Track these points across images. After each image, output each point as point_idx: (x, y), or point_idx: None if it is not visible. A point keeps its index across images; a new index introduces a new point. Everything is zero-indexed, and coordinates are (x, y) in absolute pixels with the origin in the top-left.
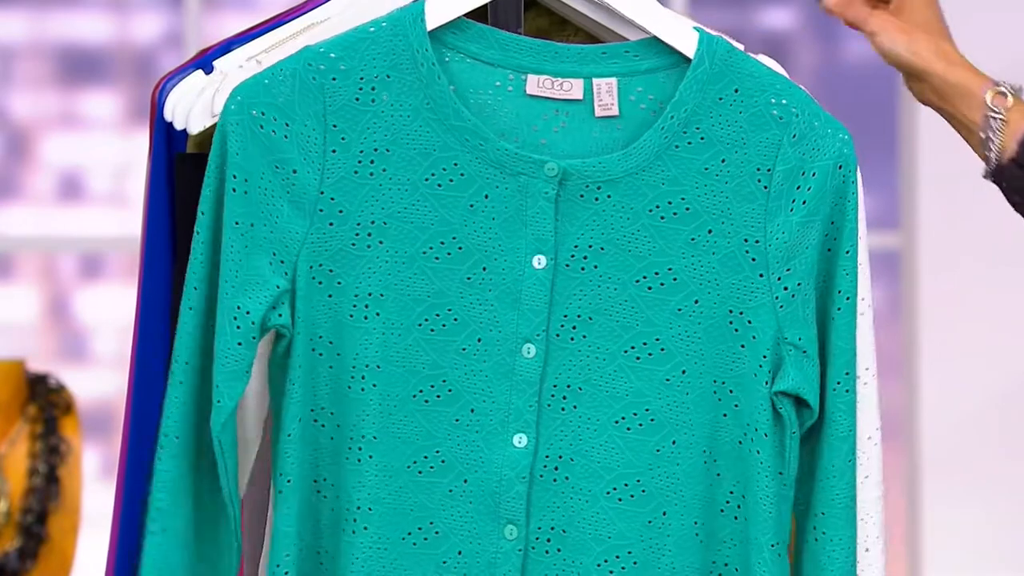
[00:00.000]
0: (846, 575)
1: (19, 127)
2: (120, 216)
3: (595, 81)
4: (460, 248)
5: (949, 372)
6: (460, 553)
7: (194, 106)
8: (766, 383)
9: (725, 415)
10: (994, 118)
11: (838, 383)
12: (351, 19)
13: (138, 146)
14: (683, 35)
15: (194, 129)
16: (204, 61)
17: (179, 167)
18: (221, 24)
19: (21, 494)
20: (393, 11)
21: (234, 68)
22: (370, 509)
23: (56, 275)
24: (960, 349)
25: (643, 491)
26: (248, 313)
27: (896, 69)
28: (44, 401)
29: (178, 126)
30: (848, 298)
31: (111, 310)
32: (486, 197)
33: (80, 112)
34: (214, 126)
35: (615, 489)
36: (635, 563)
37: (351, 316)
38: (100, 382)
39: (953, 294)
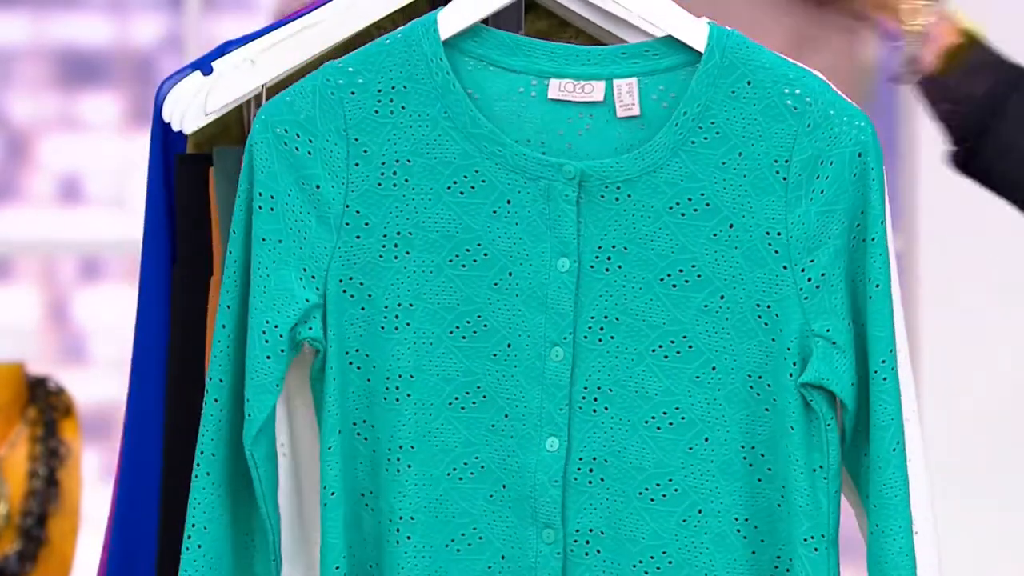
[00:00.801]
0: (902, 566)
1: (18, 129)
2: (119, 219)
3: (615, 82)
4: (486, 255)
5: (949, 376)
6: (503, 558)
7: (189, 107)
8: (791, 375)
9: (767, 409)
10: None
11: (875, 372)
12: (346, 22)
13: (138, 148)
14: (695, 30)
15: (188, 129)
16: (202, 62)
17: (178, 168)
18: (220, 27)
19: (21, 497)
20: (410, 23)
21: (229, 69)
22: (412, 518)
23: (56, 278)
24: (960, 353)
25: (676, 490)
26: (277, 327)
27: None
28: (44, 404)
29: (174, 127)
30: (878, 285)
31: (111, 313)
32: (508, 203)
33: (80, 114)
34: (209, 124)
35: (647, 489)
36: (670, 562)
37: (383, 328)
38: (100, 385)
39: (953, 298)
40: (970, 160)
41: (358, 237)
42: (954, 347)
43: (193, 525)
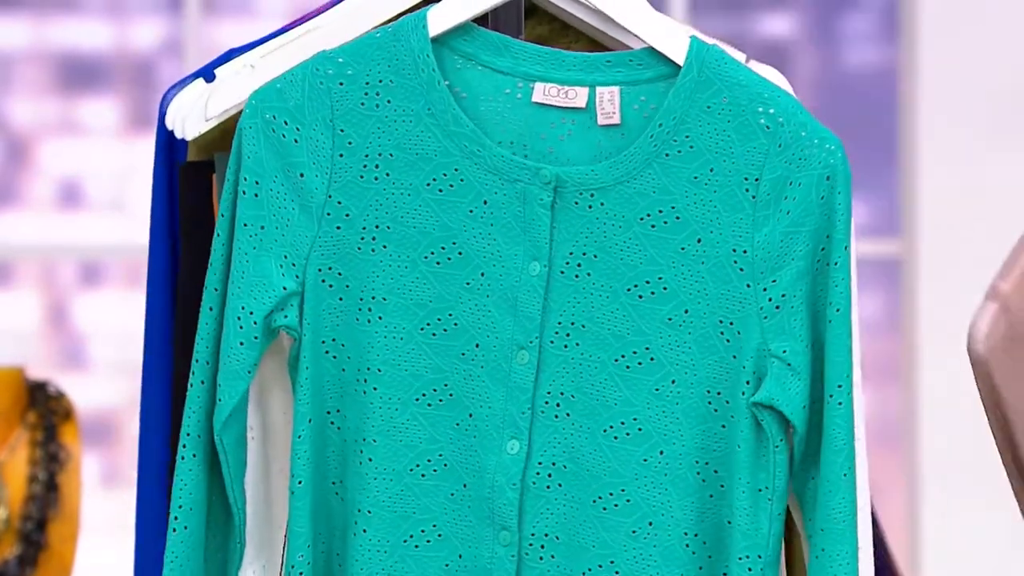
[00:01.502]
0: None
1: (18, 134)
2: (120, 223)
3: (598, 90)
4: (460, 253)
5: (949, 380)
6: (461, 557)
7: (190, 113)
8: (742, 393)
9: (723, 426)
10: None
11: (831, 396)
12: (344, 27)
13: (137, 153)
14: (676, 43)
15: (190, 135)
16: (206, 70)
17: (181, 175)
18: (221, 31)
19: (21, 501)
20: (401, 18)
21: (231, 75)
22: (370, 512)
23: (55, 282)
24: (960, 357)
25: (628, 500)
26: (252, 314)
27: None
28: (44, 408)
29: (177, 134)
30: (838, 310)
31: (111, 317)
32: (485, 203)
33: (79, 119)
34: (211, 131)
35: (600, 498)
36: (617, 572)
37: (357, 320)
38: (99, 389)
39: (953, 302)
40: None
41: (338, 228)
42: (954, 355)
43: (180, 507)
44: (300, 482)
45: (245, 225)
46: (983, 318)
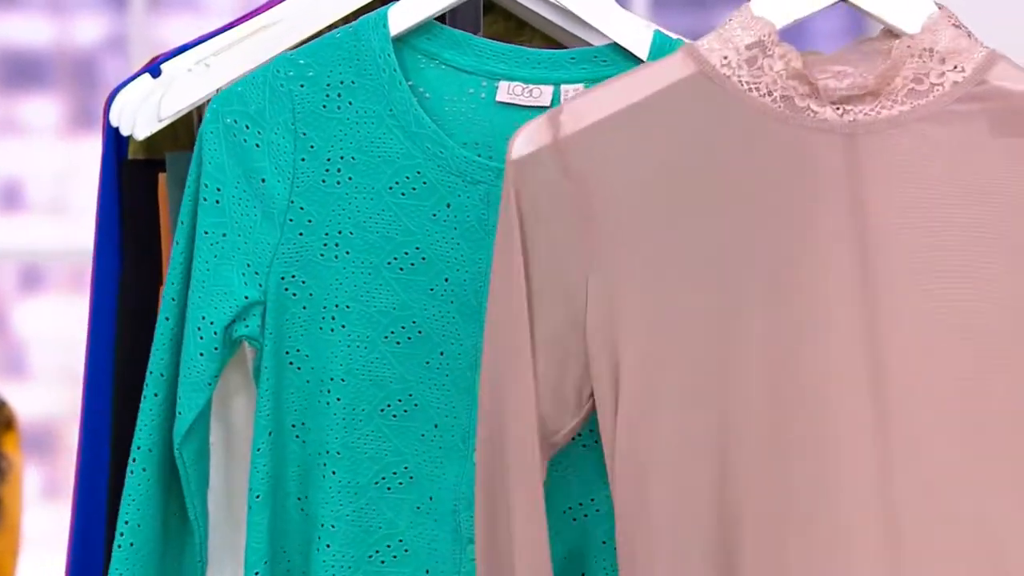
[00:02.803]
0: None
1: None
2: (62, 226)
3: (563, 88)
4: (423, 259)
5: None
6: (427, 572)
7: (140, 111)
8: None
9: None
10: None
11: None
12: (301, 22)
13: (81, 153)
14: (639, 39)
15: (141, 135)
16: (154, 67)
17: (127, 173)
18: (166, 27)
19: None
20: (362, 17)
21: (183, 72)
22: (333, 526)
23: None
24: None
25: (597, 511)
26: (212, 324)
27: None
28: None
29: (124, 132)
30: None
31: (52, 323)
32: (448, 206)
33: (20, 118)
34: (160, 132)
35: (570, 509)
36: None
37: (321, 328)
38: (40, 399)
39: None
40: None
41: (300, 234)
42: None
43: (126, 522)
44: (258, 496)
45: (206, 233)
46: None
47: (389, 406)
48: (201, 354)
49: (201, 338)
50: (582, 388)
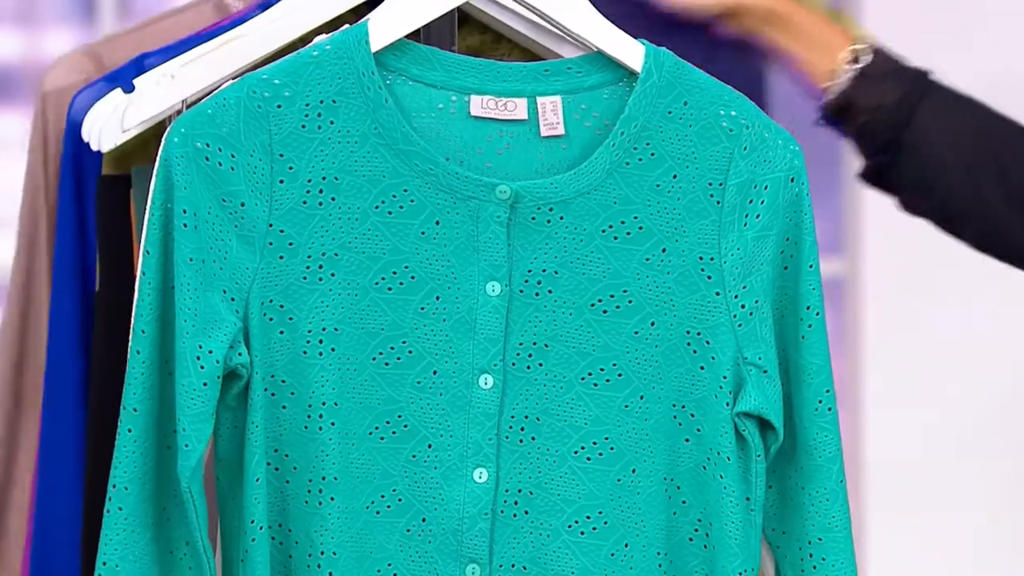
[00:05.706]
0: None
1: None
2: None
3: (539, 100)
4: (413, 277)
5: (894, 403)
6: None
7: (106, 124)
8: (727, 405)
9: (687, 440)
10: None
11: (820, 402)
12: (268, 35)
13: None
14: (629, 49)
15: (105, 147)
16: (118, 75)
17: (98, 189)
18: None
19: None
20: (335, 33)
21: (150, 85)
22: (334, 554)
23: None
24: (906, 379)
25: (605, 523)
26: (211, 352)
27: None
28: None
29: (92, 146)
30: (817, 313)
31: None
32: (437, 223)
33: None
34: (128, 141)
35: (576, 523)
36: None
37: (305, 353)
38: None
39: (899, 323)
40: (884, 171)
41: (281, 258)
42: (900, 377)
43: (104, 564)
44: (262, 527)
45: (190, 260)
46: None
47: (377, 428)
48: (205, 384)
49: (203, 368)
50: None
